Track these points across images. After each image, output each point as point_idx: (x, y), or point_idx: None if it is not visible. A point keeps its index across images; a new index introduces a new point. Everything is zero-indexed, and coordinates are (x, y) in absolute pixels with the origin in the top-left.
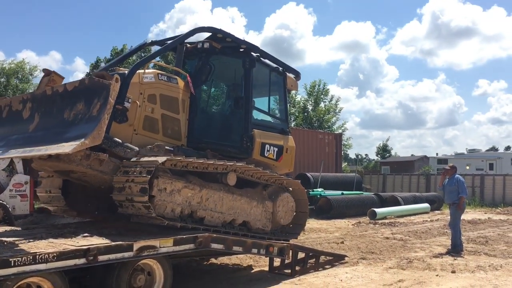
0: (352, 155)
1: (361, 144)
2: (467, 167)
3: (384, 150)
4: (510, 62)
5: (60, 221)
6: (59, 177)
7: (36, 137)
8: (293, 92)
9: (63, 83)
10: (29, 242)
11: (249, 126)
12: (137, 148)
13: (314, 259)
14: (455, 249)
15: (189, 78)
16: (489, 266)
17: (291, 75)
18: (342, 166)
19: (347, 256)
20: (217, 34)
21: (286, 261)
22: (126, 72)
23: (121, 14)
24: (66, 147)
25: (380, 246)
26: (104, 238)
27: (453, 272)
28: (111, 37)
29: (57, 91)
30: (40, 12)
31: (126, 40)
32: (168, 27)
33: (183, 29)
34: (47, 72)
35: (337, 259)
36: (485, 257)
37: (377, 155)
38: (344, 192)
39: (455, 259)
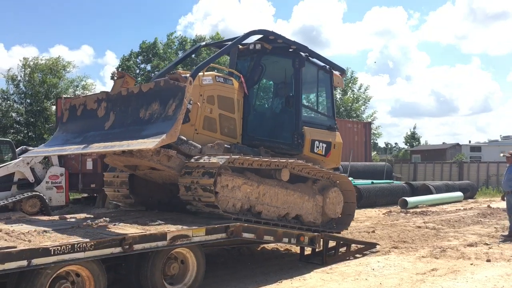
0: (381, 143)
1: (391, 132)
2: (501, 154)
3: (412, 138)
4: None
5: (95, 211)
6: (127, 172)
7: (114, 134)
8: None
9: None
10: (67, 231)
11: (299, 124)
12: (200, 146)
13: (345, 248)
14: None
15: (242, 79)
16: None
17: (336, 72)
18: (372, 155)
19: (378, 244)
20: (269, 36)
21: (317, 250)
22: (188, 75)
23: (150, 6)
24: (148, 143)
25: (412, 235)
26: (139, 227)
27: (488, 261)
28: (140, 30)
29: (132, 92)
30: (71, 6)
31: (154, 32)
32: (196, 19)
33: (211, 21)
34: (121, 75)
35: (368, 248)
36: None
37: (406, 144)
38: (374, 181)
39: (490, 248)
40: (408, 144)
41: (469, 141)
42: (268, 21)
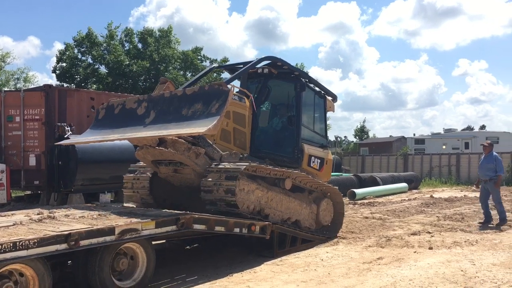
0: (331, 137)
1: (342, 126)
2: (444, 147)
3: (361, 131)
4: (493, 41)
5: (39, 208)
6: (151, 170)
7: (155, 127)
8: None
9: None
10: (9, 229)
11: (299, 140)
12: (221, 152)
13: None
14: (503, 222)
15: (252, 98)
16: (465, 241)
17: (329, 98)
18: None
19: (329, 238)
20: (276, 62)
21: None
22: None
23: None
24: (198, 129)
25: (359, 226)
26: (86, 222)
27: (431, 248)
28: (90, 20)
29: (176, 94)
30: None
31: (106, 23)
32: (148, 11)
33: (164, 12)
34: (163, 81)
35: (317, 242)
36: (461, 233)
37: (355, 137)
38: None
39: (433, 236)
40: (357, 137)
41: (414, 134)
42: (223, 14)
